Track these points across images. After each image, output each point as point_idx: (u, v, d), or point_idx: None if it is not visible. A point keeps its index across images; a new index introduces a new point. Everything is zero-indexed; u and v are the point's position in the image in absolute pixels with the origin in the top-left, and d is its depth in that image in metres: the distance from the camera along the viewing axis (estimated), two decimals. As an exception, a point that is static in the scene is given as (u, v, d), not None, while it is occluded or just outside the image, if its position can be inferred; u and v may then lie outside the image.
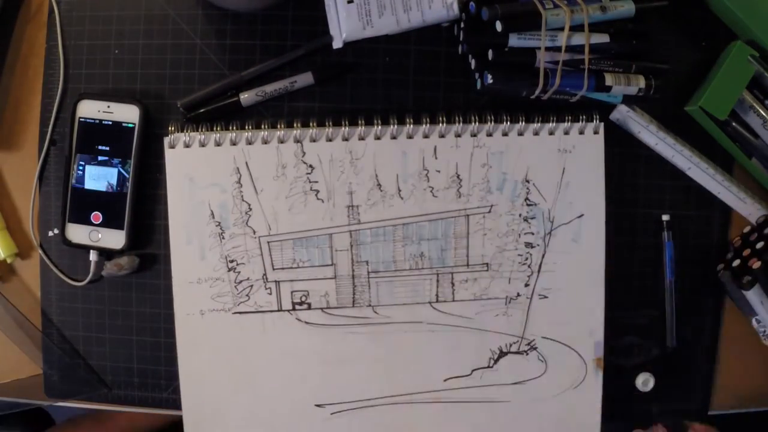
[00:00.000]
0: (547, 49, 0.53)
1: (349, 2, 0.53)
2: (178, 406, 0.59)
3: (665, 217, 0.60)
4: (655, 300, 0.61)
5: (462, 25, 0.56)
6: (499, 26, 0.52)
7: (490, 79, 0.53)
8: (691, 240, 0.60)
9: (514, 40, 0.53)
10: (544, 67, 0.53)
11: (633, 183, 0.60)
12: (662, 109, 0.59)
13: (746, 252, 0.57)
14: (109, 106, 0.57)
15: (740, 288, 0.56)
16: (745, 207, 0.60)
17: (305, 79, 0.57)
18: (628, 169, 0.60)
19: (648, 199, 0.60)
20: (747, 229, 0.60)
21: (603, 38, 0.54)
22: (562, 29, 0.53)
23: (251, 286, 0.57)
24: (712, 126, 0.58)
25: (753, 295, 0.56)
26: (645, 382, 0.61)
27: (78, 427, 0.74)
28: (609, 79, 0.54)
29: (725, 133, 0.58)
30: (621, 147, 0.59)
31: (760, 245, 0.56)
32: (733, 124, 0.58)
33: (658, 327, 0.61)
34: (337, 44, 0.55)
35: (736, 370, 0.62)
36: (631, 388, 0.61)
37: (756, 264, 0.55)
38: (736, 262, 0.58)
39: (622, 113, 0.58)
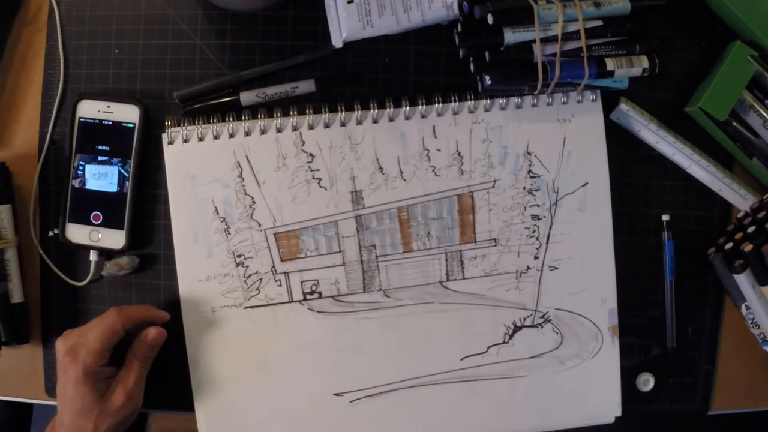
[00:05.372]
0: (543, 41, 0.53)
1: (349, 2, 0.53)
2: (178, 406, 0.59)
3: (665, 217, 0.60)
4: (655, 300, 0.61)
5: (459, 29, 0.57)
6: (490, 19, 0.52)
7: (488, 81, 0.53)
8: (691, 240, 0.60)
9: (510, 37, 0.53)
10: (542, 61, 0.53)
11: (633, 183, 0.60)
12: (662, 109, 0.59)
13: (739, 235, 0.57)
14: (109, 106, 0.57)
15: (732, 272, 0.56)
16: (745, 203, 0.60)
17: (307, 86, 0.57)
18: (628, 169, 0.60)
19: (648, 199, 0.60)
20: (741, 213, 0.59)
21: (597, 23, 0.54)
22: (556, 22, 0.53)
23: (261, 279, 0.57)
24: (713, 126, 0.58)
25: (744, 280, 0.56)
26: (645, 382, 0.61)
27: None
28: (610, 64, 0.54)
29: (725, 133, 0.58)
30: (621, 147, 0.59)
31: (751, 230, 0.56)
32: (734, 123, 0.58)
33: (658, 327, 0.61)
34: (337, 44, 0.55)
35: (736, 370, 0.62)
36: (631, 388, 0.61)
37: (748, 247, 0.55)
38: (729, 246, 0.57)
39: (623, 112, 0.58)
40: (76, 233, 0.58)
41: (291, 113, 0.57)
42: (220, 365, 0.58)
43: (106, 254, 0.58)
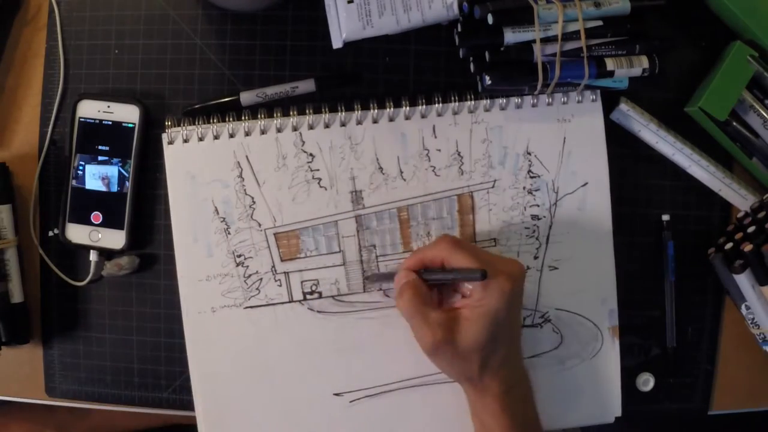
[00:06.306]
0: (543, 41, 0.53)
1: (349, 2, 0.53)
2: (178, 406, 0.59)
3: (665, 217, 0.60)
4: (655, 300, 0.61)
5: (459, 29, 0.57)
6: (490, 19, 0.52)
7: (488, 81, 0.53)
8: (691, 240, 0.60)
9: (510, 37, 0.53)
10: (542, 61, 0.53)
11: (633, 183, 0.60)
12: (662, 109, 0.59)
13: (739, 235, 0.57)
14: (109, 106, 0.57)
15: (732, 272, 0.56)
16: (745, 203, 0.60)
17: (307, 85, 0.57)
18: (628, 169, 0.60)
19: (648, 199, 0.60)
20: (741, 213, 0.59)
21: (597, 23, 0.54)
22: (556, 22, 0.53)
23: (261, 279, 0.57)
24: (712, 126, 0.58)
25: (744, 280, 0.56)
26: (645, 382, 0.61)
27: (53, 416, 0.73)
28: (610, 64, 0.54)
29: (725, 133, 0.58)
30: (621, 147, 0.59)
31: (751, 230, 0.56)
32: (734, 123, 0.58)
33: (658, 327, 0.61)
34: (337, 44, 0.55)
35: (736, 370, 0.62)
36: (631, 388, 0.61)
37: (748, 247, 0.55)
38: (729, 246, 0.57)
39: (623, 112, 0.58)
40: (76, 233, 0.58)
41: (291, 113, 0.57)
42: (220, 365, 0.58)
43: (106, 254, 0.58)
